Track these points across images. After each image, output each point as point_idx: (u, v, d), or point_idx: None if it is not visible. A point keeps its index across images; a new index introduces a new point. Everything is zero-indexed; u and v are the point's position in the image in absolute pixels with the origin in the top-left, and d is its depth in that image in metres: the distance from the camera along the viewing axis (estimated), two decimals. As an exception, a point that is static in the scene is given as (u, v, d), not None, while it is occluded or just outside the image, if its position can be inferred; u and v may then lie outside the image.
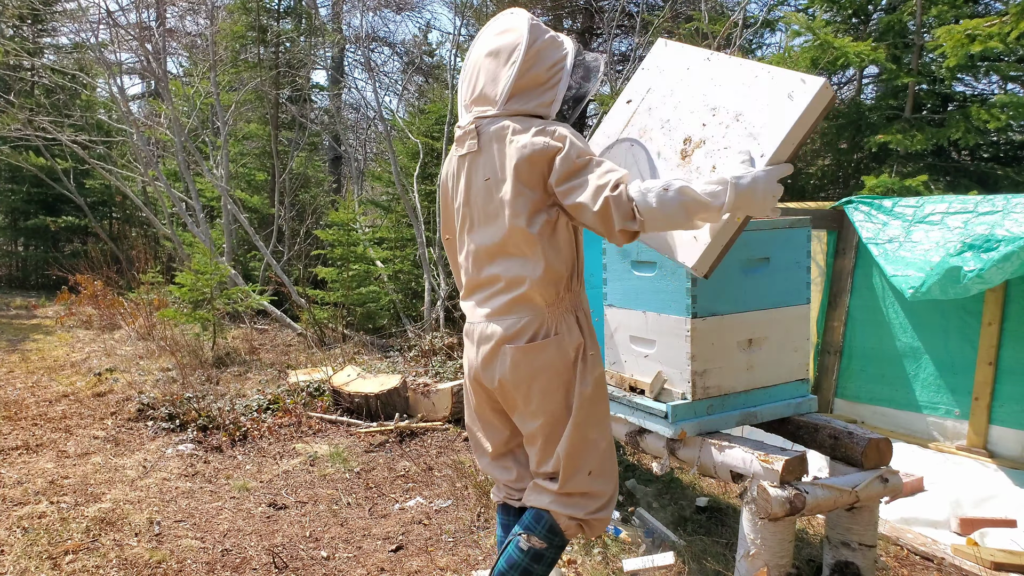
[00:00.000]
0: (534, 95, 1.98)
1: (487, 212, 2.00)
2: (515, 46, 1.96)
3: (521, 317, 1.97)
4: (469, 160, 2.03)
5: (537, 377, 1.97)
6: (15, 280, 11.54)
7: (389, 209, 9.27)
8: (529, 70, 1.95)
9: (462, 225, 2.09)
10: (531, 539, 2.02)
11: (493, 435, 2.22)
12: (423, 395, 4.73)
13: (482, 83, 2.00)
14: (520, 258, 1.96)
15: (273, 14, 10.53)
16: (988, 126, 5.99)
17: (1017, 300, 3.87)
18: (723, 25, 6.67)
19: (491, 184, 1.97)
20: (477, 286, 2.08)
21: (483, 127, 1.98)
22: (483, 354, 2.04)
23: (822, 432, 2.52)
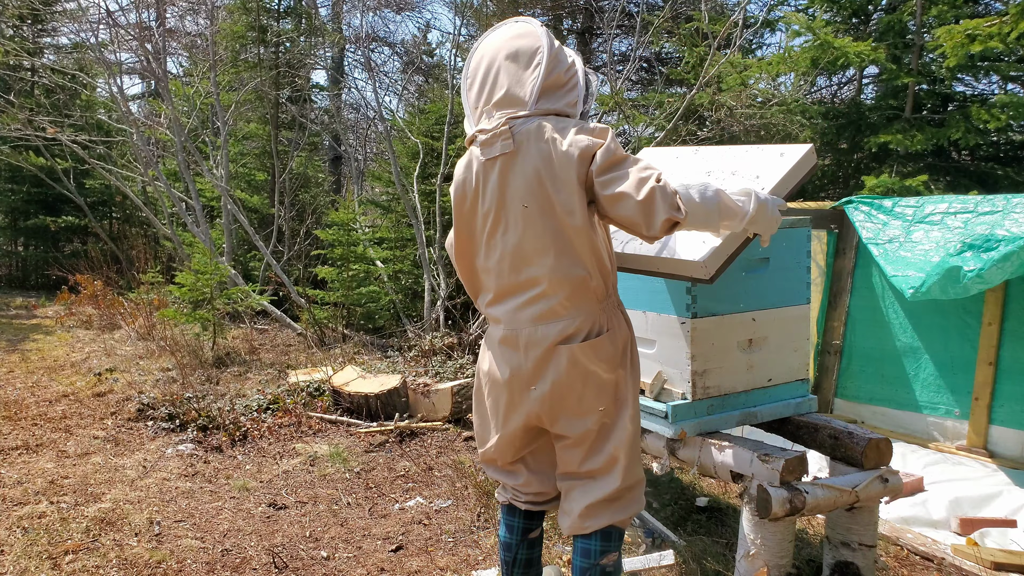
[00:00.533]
0: (559, 95, 2.00)
1: (529, 212, 1.95)
2: (536, 48, 1.99)
3: (575, 317, 1.97)
4: (502, 162, 1.98)
5: (593, 374, 1.98)
6: (15, 280, 11.53)
7: (389, 209, 9.27)
8: (553, 71, 1.98)
9: (492, 228, 2.03)
10: (610, 557, 2.05)
11: (509, 445, 2.16)
12: (423, 395, 4.73)
13: (506, 85, 2.00)
14: (570, 257, 1.94)
15: (273, 14, 10.52)
16: (988, 126, 5.99)
17: (1017, 300, 3.87)
18: (723, 25, 6.66)
19: (535, 182, 1.94)
20: (515, 289, 2.02)
21: (517, 127, 1.96)
22: (534, 359, 1.99)
23: (822, 432, 2.52)
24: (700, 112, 6.98)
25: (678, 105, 6.66)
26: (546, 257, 1.95)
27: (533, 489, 2.21)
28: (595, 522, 2.03)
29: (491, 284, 2.08)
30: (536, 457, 2.21)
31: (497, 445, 2.18)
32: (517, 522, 2.25)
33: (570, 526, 2.07)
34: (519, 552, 2.26)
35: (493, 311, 2.09)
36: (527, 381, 2.02)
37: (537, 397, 2.01)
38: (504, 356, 2.06)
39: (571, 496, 2.08)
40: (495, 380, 2.11)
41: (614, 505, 2.03)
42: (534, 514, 2.27)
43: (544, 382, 1.99)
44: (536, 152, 1.93)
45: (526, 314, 2.00)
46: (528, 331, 1.99)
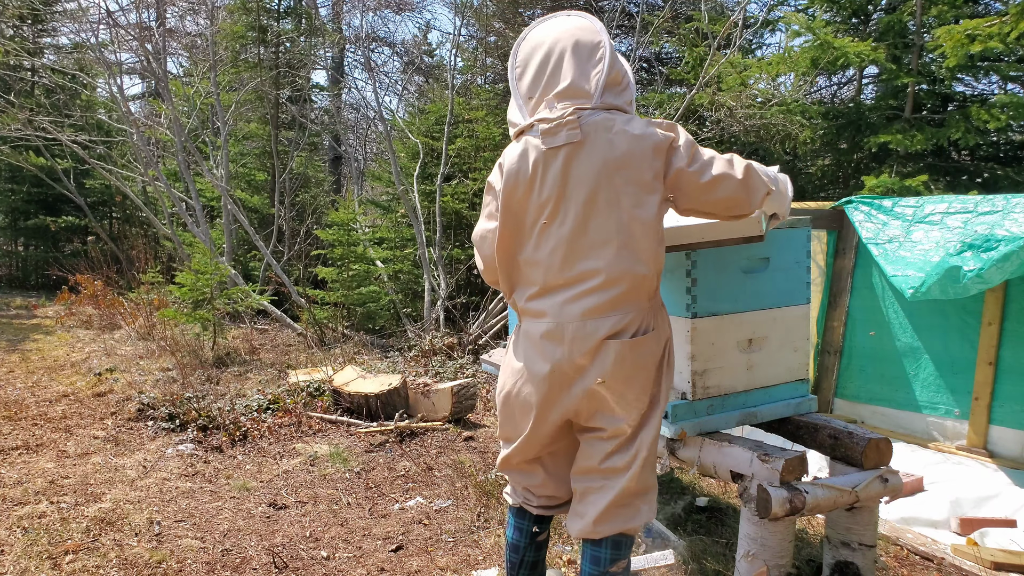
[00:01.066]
0: (619, 92, 2.01)
1: (595, 203, 1.93)
2: (598, 43, 2.00)
3: (626, 313, 1.95)
4: (567, 151, 1.94)
5: (639, 372, 1.97)
6: (15, 280, 11.54)
7: (389, 209, 9.27)
8: (613, 67, 1.99)
9: (549, 219, 1.98)
10: (619, 564, 2.04)
11: (535, 442, 2.13)
12: (423, 395, 4.73)
13: (570, 76, 1.98)
14: (631, 251, 1.93)
15: (273, 14, 10.53)
16: (988, 126, 5.99)
17: (1017, 300, 3.87)
18: (723, 25, 6.67)
19: (603, 175, 1.92)
20: (566, 283, 1.98)
21: (584, 118, 1.94)
22: (580, 353, 1.96)
23: (822, 432, 2.52)
24: (700, 112, 6.98)
25: (678, 105, 6.66)
26: (606, 250, 1.93)
27: (547, 491, 2.19)
28: (608, 527, 2.01)
29: (537, 277, 2.03)
30: (555, 459, 2.19)
31: (523, 442, 2.13)
32: (527, 525, 2.25)
33: (581, 529, 2.05)
34: (527, 554, 2.26)
35: (536, 304, 2.04)
36: (570, 376, 1.98)
37: (579, 392, 1.98)
38: (545, 351, 2.01)
39: (586, 499, 2.06)
40: (530, 376, 2.05)
41: (627, 511, 2.01)
42: (544, 518, 2.26)
43: (588, 377, 1.97)
44: (605, 143, 1.91)
45: (576, 308, 1.96)
46: (576, 325, 1.96)
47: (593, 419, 2.03)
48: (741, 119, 6.65)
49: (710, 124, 6.95)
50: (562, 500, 2.21)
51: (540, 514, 2.23)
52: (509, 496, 2.29)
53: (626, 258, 1.93)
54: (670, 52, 9.88)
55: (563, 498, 2.21)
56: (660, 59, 10.25)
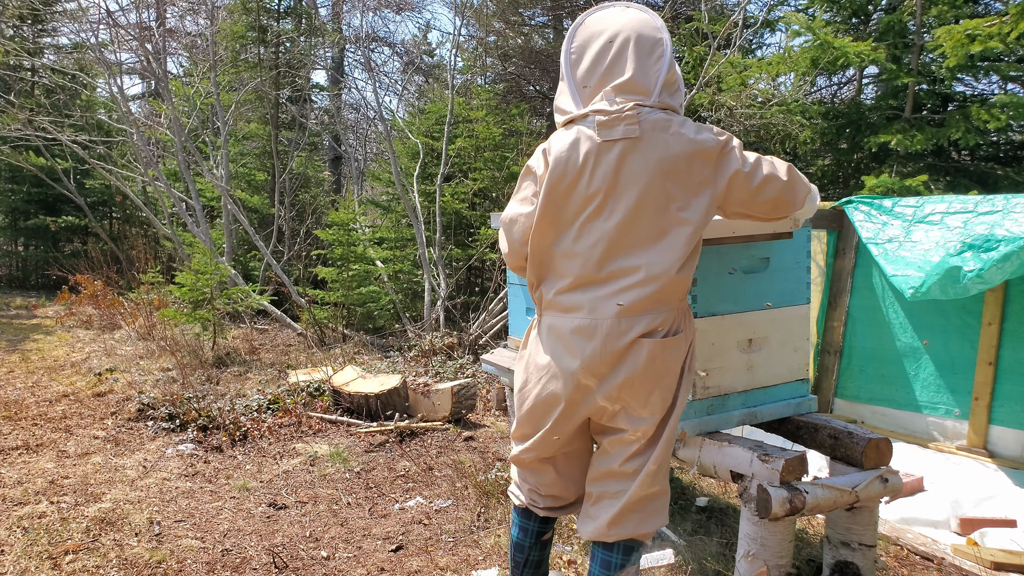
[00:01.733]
0: (674, 93, 1.99)
1: (645, 201, 1.91)
2: (659, 41, 1.97)
3: (660, 313, 1.94)
4: (623, 146, 1.91)
5: (667, 373, 1.97)
6: (15, 280, 11.53)
7: (389, 209, 9.27)
8: (672, 68, 1.98)
9: (594, 212, 1.95)
10: (628, 571, 2.03)
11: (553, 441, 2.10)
12: (423, 395, 4.73)
13: (631, 71, 1.95)
14: (673, 252, 1.91)
15: (273, 14, 10.53)
16: (988, 126, 5.99)
17: (1017, 300, 3.87)
18: (723, 25, 6.66)
19: (656, 174, 1.90)
20: (603, 278, 1.95)
21: (644, 115, 1.91)
22: (611, 350, 1.93)
23: (822, 432, 2.52)
24: (700, 112, 6.98)
25: (678, 105, 6.65)
26: (649, 249, 1.92)
27: (555, 491, 2.18)
28: (621, 530, 1.99)
29: (572, 270, 1.99)
30: (568, 460, 2.17)
31: (541, 439, 2.11)
32: (532, 525, 2.24)
33: (594, 531, 2.03)
34: (531, 554, 2.25)
35: (568, 298, 2.00)
36: (599, 372, 1.96)
37: (607, 389, 1.96)
38: (575, 346, 1.97)
39: (601, 503, 2.04)
40: (559, 371, 2.01)
41: (640, 515, 2.00)
42: (549, 518, 2.26)
43: (618, 374, 1.94)
44: (661, 143, 1.90)
45: (612, 304, 1.93)
46: (611, 322, 1.93)
47: (616, 419, 2.00)
48: (741, 119, 6.65)
49: (710, 124, 6.95)
50: (568, 501, 2.21)
51: (546, 515, 2.22)
52: (514, 496, 2.27)
53: (666, 259, 1.91)
54: (670, 52, 9.86)
55: (569, 499, 2.20)
56: (660, 59, 10.22)
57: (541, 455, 2.14)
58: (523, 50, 10.12)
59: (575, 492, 2.18)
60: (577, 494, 2.19)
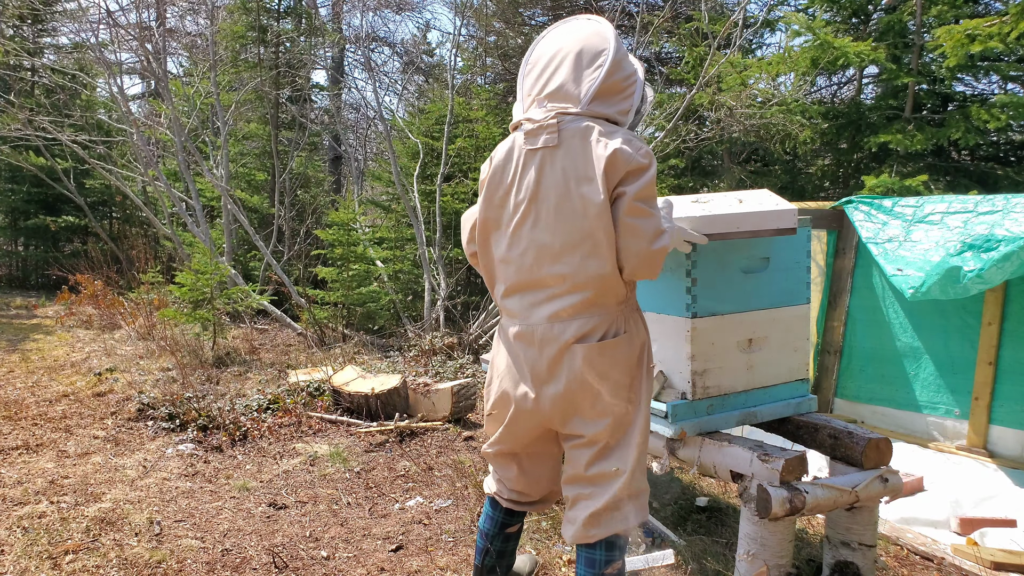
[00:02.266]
0: (613, 101, 2.00)
1: (562, 209, 1.95)
2: (602, 50, 1.99)
3: (592, 317, 1.97)
4: (543, 155, 1.98)
5: (609, 375, 1.98)
6: (15, 280, 11.53)
7: (389, 209, 9.27)
8: (613, 76, 1.98)
9: (521, 219, 2.02)
10: (614, 566, 2.04)
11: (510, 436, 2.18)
12: (423, 395, 4.73)
13: (561, 79, 1.99)
14: (598, 257, 1.94)
15: (273, 14, 10.53)
16: (988, 126, 6.00)
17: (1017, 300, 3.87)
18: (723, 25, 6.66)
19: (572, 182, 1.93)
20: (535, 284, 2.01)
21: (564, 123, 1.96)
22: (549, 356, 1.99)
23: (822, 432, 2.52)
24: (700, 112, 6.98)
25: (678, 105, 6.66)
26: (574, 255, 1.95)
27: (518, 487, 2.24)
28: (600, 531, 2.01)
29: (510, 276, 2.06)
30: (532, 460, 2.22)
31: (501, 435, 2.19)
32: (498, 516, 2.31)
33: (574, 535, 2.05)
34: (494, 543, 2.31)
35: (508, 303, 2.08)
36: (542, 379, 2.01)
37: (551, 396, 2.00)
38: (519, 352, 2.05)
39: (577, 505, 2.06)
40: (508, 373, 2.09)
41: (618, 513, 2.02)
42: (515, 512, 2.31)
43: (558, 381, 1.98)
44: (580, 152, 1.93)
45: (544, 311, 1.99)
46: (544, 328, 1.99)
47: (570, 424, 2.04)
48: (741, 119, 6.65)
49: (710, 124, 6.95)
50: (533, 499, 2.27)
51: (508, 507, 2.28)
52: (486, 484, 2.36)
53: (593, 264, 1.94)
54: (670, 52, 9.88)
55: (534, 497, 2.26)
56: (660, 59, 10.24)
57: (504, 450, 2.22)
58: (523, 50, 10.12)
59: (540, 491, 2.24)
60: (542, 493, 2.25)
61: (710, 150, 7.94)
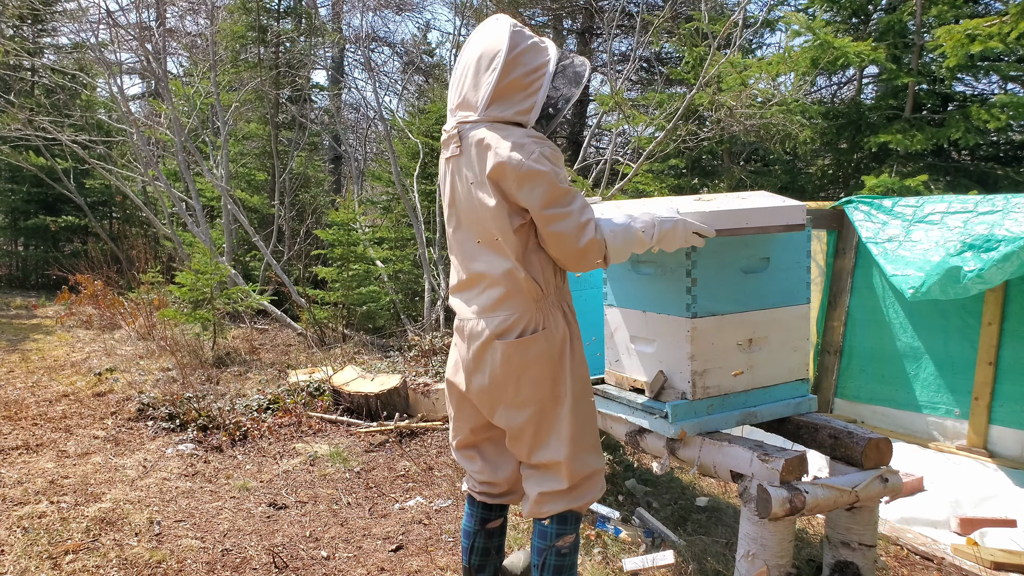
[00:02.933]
0: (513, 102, 2.01)
1: (471, 212, 2.09)
2: (496, 52, 2.00)
3: (511, 313, 2.06)
4: (453, 163, 2.12)
5: (528, 370, 2.07)
6: (15, 280, 11.53)
7: (389, 209, 9.28)
8: (508, 76, 1.99)
9: (448, 221, 2.20)
10: (565, 539, 2.14)
11: (462, 424, 2.30)
12: (423, 395, 4.73)
13: (465, 88, 2.07)
14: (503, 257, 2.05)
15: (273, 14, 10.53)
16: (988, 126, 6.00)
17: (1017, 300, 3.87)
18: (723, 25, 6.66)
19: (472, 187, 2.06)
20: (466, 283, 2.16)
21: (464, 132, 2.06)
22: (474, 350, 2.11)
23: (822, 432, 2.52)
24: (700, 112, 6.98)
25: (678, 105, 6.66)
26: (485, 255, 2.09)
27: (485, 478, 2.30)
28: (551, 508, 2.13)
29: (453, 275, 2.24)
30: (491, 446, 2.31)
31: (454, 423, 2.33)
32: (476, 511, 2.36)
33: (528, 510, 2.18)
34: (476, 540, 2.36)
35: (451, 300, 2.24)
36: (470, 371, 2.14)
37: (477, 387, 2.13)
38: (458, 344, 2.21)
39: (530, 482, 2.18)
40: (453, 365, 2.25)
41: (568, 496, 2.13)
42: (492, 506, 2.36)
43: (483, 374, 2.10)
44: (476, 158, 2.02)
45: (472, 307, 2.13)
46: (471, 323, 2.12)
47: (495, 415, 2.16)
48: (741, 119, 6.64)
49: (710, 124, 6.95)
50: (503, 490, 2.31)
51: (482, 501, 2.34)
52: (464, 482, 2.44)
53: (500, 263, 2.05)
54: (670, 52, 9.88)
55: (502, 487, 2.31)
56: (660, 59, 10.25)
57: (460, 441, 2.33)
58: (523, 50, 10.10)
59: (506, 479, 2.30)
60: (510, 483, 2.30)
61: (710, 150, 7.94)
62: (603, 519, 3.12)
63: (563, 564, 2.15)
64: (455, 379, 2.24)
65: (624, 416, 2.65)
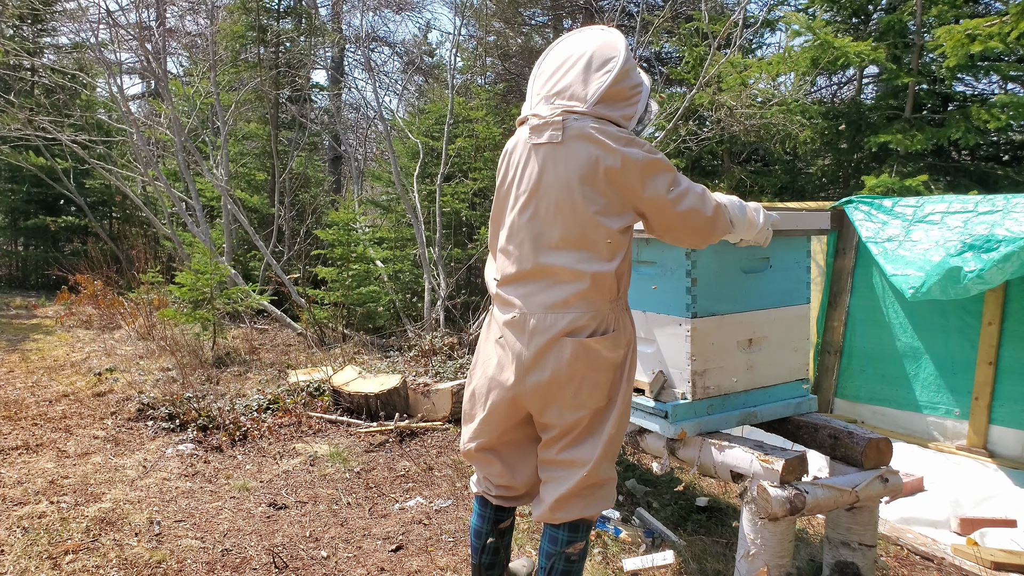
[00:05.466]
0: (619, 105, 2.06)
1: (562, 203, 2.02)
2: (612, 57, 2.06)
3: (585, 312, 2.03)
4: (547, 150, 2.04)
5: (593, 370, 2.04)
6: (15, 280, 11.53)
7: (389, 209, 9.27)
8: (619, 83, 2.05)
9: (521, 211, 2.09)
10: (575, 546, 2.12)
11: (491, 426, 2.23)
12: (423, 395, 4.73)
13: (570, 80, 2.06)
14: (593, 254, 2.01)
15: (273, 14, 10.53)
16: (988, 126, 5.99)
17: (1017, 300, 3.87)
18: (723, 25, 6.66)
19: (575, 179, 2.00)
20: (532, 275, 2.07)
21: (569, 122, 2.02)
22: (537, 345, 2.04)
23: (822, 432, 2.52)
24: (700, 112, 6.97)
25: (678, 105, 6.66)
26: (569, 250, 2.02)
27: (504, 482, 2.27)
28: (565, 514, 2.10)
29: (508, 266, 2.13)
30: (511, 449, 2.27)
31: (479, 424, 2.24)
32: (488, 513, 2.34)
33: (540, 515, 2.15)
34: (487, 540, 2.35)
35: (505, 292, 2.14)
36: (527, 367, 2.06)
37: (533, 384, 2.06)
38: (508, 339, 2.10)
39: (547, 487, 2.15)
40: (494, 361, 2.16)
41: (584, 500, 2.10)
42: (504, 507, 2.35)
43: (544, 370, 2.04)
44: (583, 150, 1.99)
45: (539, 300, 2.05)
46: (538, 317, 2.04)
47: (547, 413, 2.10)
48: (741, 119, 6.64)
49: (710, 124, 6.95)
50: (520, 493, 2.29)
51: (499, 504, 2.31)
52: (473, 483, 2.39)
53: (586, 259, 2.01)
54: (670, 52, 9.88)
55: (520, 491, 2.28)
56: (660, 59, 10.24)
57: (482, 443, 2.26)
58: (523, 50, 10.13)
59: (524, 483, 2.27)
60: (527, 486, 2.28)
61: (710, 150, 7.93)
62: (603, 519, 3.12)
63: (571, 570, 2.14)
64: (501, 375, 2.13)
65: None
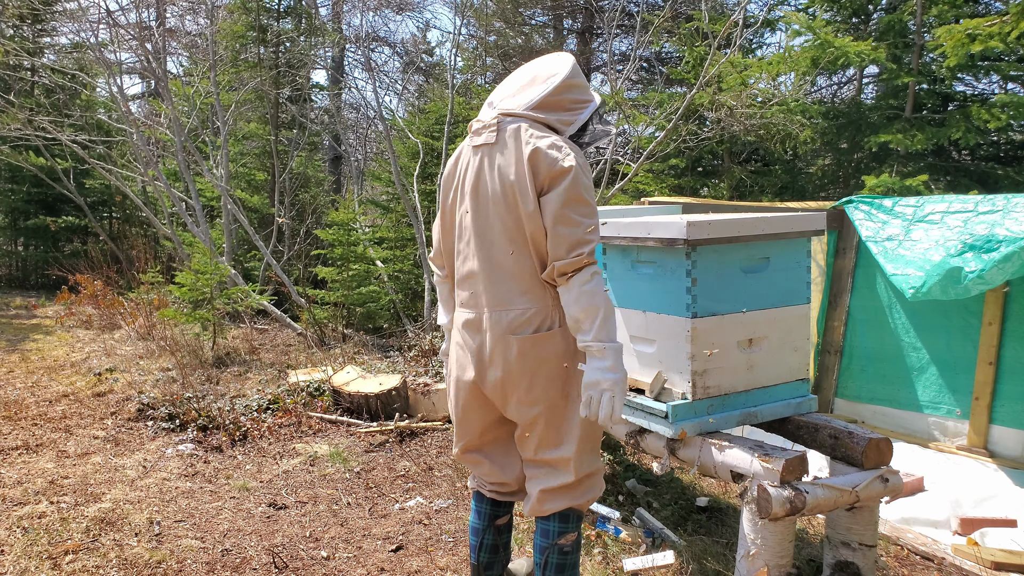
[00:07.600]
0: (556, 113, 2.12)
1: (498, 202, 2.07)
2: (555, 73, 2.14)
3: (527, 308, 2.07)
4: (484, 152, 2.11)
5: (542, 366, 2.08)
6: (15, 280, 11.52)
7: (389, 209, 9.27)
8: (559, 94, 2.11)
9: (464, 212, 2.16)
10: (567, 537, 2.16)
11: (469, 426, 2.28)
12: (423, 395, 4.73)
13: (513, 91, 2.16)
14: (527, 251, 2.05)
15: (273, 14, 10.52)
16: (988, 126, 6.00)
17: (1018, 300, 3.87)
18: (723, 25, 6.66)
19: (504, 178, 2.05)
20: (479, 274, 2.13)
21: (503, 123, 2.09)
22: (490, 343, 2.10)
23: (822, 432, 2.52)
24: (700, 112, 6.97)
25: (678, 105, 6.66)
26: (507, 248, 2.07)
27: (496, 479, 2.31)
28: (553, 505, 2.15)
29: (461, 267, 2.19)
30: (495, 447, 2.31)
31: (458, 427, 2.30)
32: (485, 508, 2.37)
33: (530, 509, 2.20)
34: (486, 537, 2.37)
35: (460, 294, 2.21)
36: (485, 364, 2.12)
37: (492, 381, 2.12)
38: (468, 338, 2.17)
39: (533, 481, 2.20)
40: (458, 362, 2.22)
41: (571, 493, 2.15)
42: (500, 503, 2.37)
43: (497, 367, 2.10)
44: (512, 149, 2.05)
45: (487, 299, 2.11)
46: (488, 316, 2.11)
47: (508, 409, 2.16)
48: (741, 119, 6.64)
49: (710, 124, 6.95)
50: (513, 489, 2.33)
51: (492, 497, 2.35)
52: (470, 480, 2.44)
53: (523, 257, 2.06)
54: (670, 52, 9.88)
55: (514, 486, 2.32)
56: (660, 59, 10.24)
57: (465, 445, 2.31)
58: (523, 50, 10.13)
59: (516, 479, 2.31)
60: (520, 481, 2.31)
61: (710, 150, 7.94)
62: (603, 519, 3.12)
63: (565, 562, 2.16)
64: (464, 376, 2.19)
65: (624, 416, 2.65)
